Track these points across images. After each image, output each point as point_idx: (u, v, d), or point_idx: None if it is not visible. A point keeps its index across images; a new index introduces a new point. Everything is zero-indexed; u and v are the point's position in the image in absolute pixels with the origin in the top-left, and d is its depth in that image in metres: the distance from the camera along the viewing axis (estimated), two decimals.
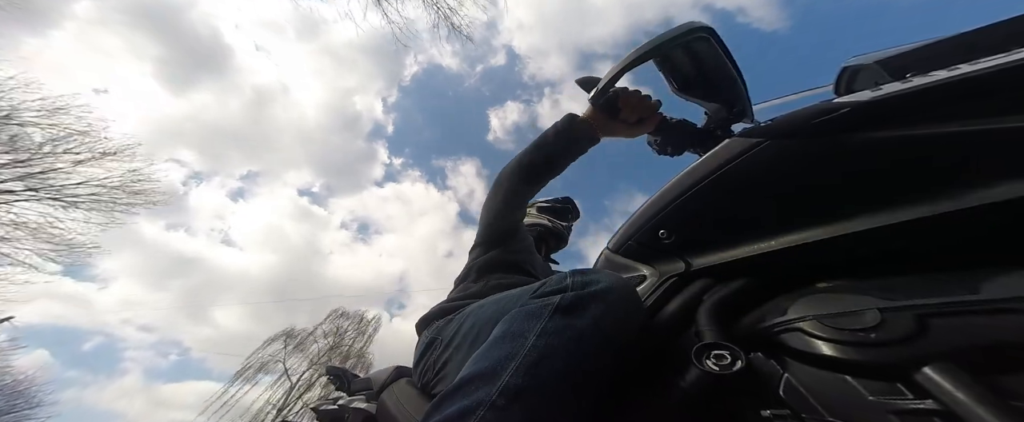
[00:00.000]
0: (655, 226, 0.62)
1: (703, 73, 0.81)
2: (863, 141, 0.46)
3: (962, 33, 0.60)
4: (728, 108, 0.84)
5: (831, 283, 0.47)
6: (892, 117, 0.46)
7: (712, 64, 0.78)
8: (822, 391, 0.37)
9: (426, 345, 0.88)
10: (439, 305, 0.98)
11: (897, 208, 0.43)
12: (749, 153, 0.54)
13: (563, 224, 1.54)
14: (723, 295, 0.52)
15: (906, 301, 0.37)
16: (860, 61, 0.71)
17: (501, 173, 1.05)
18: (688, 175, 0.60)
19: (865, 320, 0.37)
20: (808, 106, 0.54)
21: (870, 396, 0.33)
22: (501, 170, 1.06)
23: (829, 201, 0.49)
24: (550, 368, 0.47)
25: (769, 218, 0.53)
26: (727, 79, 0.79)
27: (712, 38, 0.73)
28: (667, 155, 0.95)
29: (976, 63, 0.43)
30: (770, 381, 0.40)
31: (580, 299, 0.53)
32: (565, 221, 1.56)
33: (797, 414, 0.37)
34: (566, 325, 0.50)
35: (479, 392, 0.46)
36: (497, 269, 1.08)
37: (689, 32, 0.72)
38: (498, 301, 0.74)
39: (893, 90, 0.46)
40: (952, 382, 0.30)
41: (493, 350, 0.51)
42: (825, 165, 0.49)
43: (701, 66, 0.80)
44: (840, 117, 0.48)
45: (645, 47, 0.74)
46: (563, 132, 0.93)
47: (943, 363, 0.32)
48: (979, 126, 0.40)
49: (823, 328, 0.39)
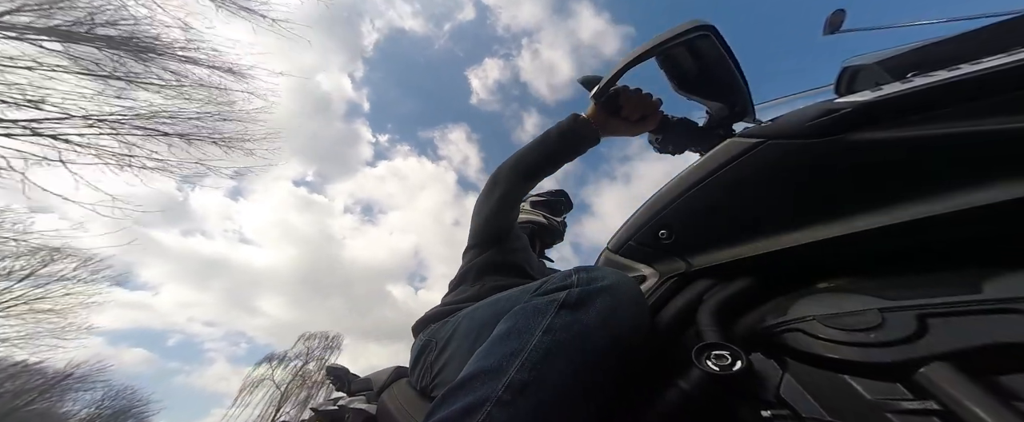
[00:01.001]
0: (655, 226, 0.62)
1: (705, 71, 0.80)
2: (863, 141, 0.46)
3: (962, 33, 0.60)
4: (730, 107, 0.84)
5: (831, 283, 0.47)
6: (893, 117, 0.46)
7: (714, 62, 0.78)
8: (822, 391, 0.36)
9: (421, 348, 0.88)
10: (435, 308, 0.98)
11: (897, 208, 0.43)
12: (749, 153, 0.54)
13: (558, 219, 1.52)
14: (723, 295, 0.52)
15: (906, 301, 0.37)
16: (860, 61, 0.71)
17: (498, 171, 1.05)
18: (688, 175, 0.60)
19: (865, 320, 0.37)
20: (808, 106, 0.54)
21: (870, 396, 0.33)
22: (497, 168, 1.05)
23: (829, 201, 0.49)
24: (556, 364, 0.46)
25: (769, 218, 0.53)
26: (729, 78, 0.79)
27: (714, 36, 0.73)
28: (668, 154, 0.95)
29: (976, 63, 0.43)
30: (770, 381, 0.40)
31: (586, 295, 0.52)
32: (559, 215, 1.54)
33: (797, 414, 0.37)
34: (573, 321, 0.50)
35: (484, 388, 0.45)
36: (493, 271, 1.07)
37: (691, 30, 0.71)
38: (494, 303, 0.73)
39: (893, 90, 0.46)
40: (952, 382, 0.30)
41: (497, 347, 0.51)
42: (825, 165, 0.49)
43: (703, 64, 0.80)
44: (840, 117, 0.48)
45: (647, 45, 0.74)
46: (565, 131, 0.93)
47: (943, 363, 0.32)
48: (979, 126, 0.40)
49: (823, 328, 0.39)
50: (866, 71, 0.70)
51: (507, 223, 1.12)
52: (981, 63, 0.42)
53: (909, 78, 0.49)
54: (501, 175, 1.04)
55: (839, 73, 0.75)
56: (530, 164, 0.99)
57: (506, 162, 1.04)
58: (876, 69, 0.68)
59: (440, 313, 0.93)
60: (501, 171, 1.04)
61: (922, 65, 0.55)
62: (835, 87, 0.77)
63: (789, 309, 0.44)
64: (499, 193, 1.04)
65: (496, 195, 1.05)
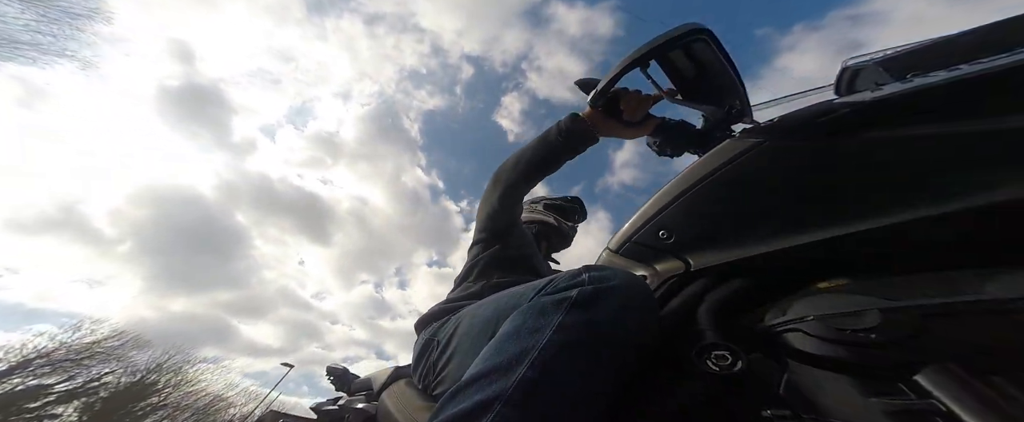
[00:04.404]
0: (655, 226, 0.62)
1: (702, 74, 0.81)
2: (863, 141, 0.46)
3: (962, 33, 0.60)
4: (727, 109, 0.84)
5: (831, 283, 0.47)
6: (892, 117, 0.45)
7: (710, 65, 0.78)
8: (822, 391, 0.36)
9: (423, 346, 0.88)
10: (438, 305, 0.98)
11: (897, 208, 0.43)
12: (749, 153, 0.54)
13: (569, 224, 1.53)
14: (723, 295, 0.52)
15: (906, 301, 0.37)
16: (860, 61, 0.71)
17: (500, 169, 1.06)
18: (688, 175, 0.60)
19: (865, 320, 0.37)
20: (808, 106, 0.54)
21: (871, 396, 0.33)
22: (499, 167, 1.06)
23: (829, 201, 0.49)
24: (567, 363, 0.46)
25: (769, 218, 0.53)
26: (726, 80, 0.79)
27: (710, 39, 0.73)
28: (667, 156, 0.95)
29: (976, 63, 0.43)
30: (771, 381, 0.40)
31: (598, 293, 0.52)
32: (571, 221, 1.55)
33: (798, 414, 0.37)
34: (584, 320, 0.50)
35: (495, 386, 0.45)
36: (498, 268, 1.08)
37: (687, 34, 0.72)
38: (496, 301, 0.73)
39: (893, 90, 0.46)
40: (952, 382, 0.30)
41: (506, 345, 0.50)
42: (825, 165, 0.49)
43: (700, 67, 0.80)
44: (840, 117, 0.48)
45: (644, 48, 0.74)
46: (565, 130, 0.94)
47: (943, 363, 0.32)
48: (979, 126, 0.40)
49: (823, 328, 0.39)
50: (866, 71, 0.70)
51: (509, 219, 1.13)
52: (981, 63, 0.42)
53: (909, 78, 0.49)
54: (502, 173, 1.04)
55: (839, 73, 0.75)
56: (530, 162, 0.99)
57: (507, 161, 1.04)
58: (876, 69, 0.68)
59: (443, 311, 0.93)
60: (502, 169, 1.05)
61: (922, 65, 0.55)
62: (835, 87, 0.76)
63: (789, 309, 0.44)
64: (499, 191, 1.05)
65: (497, 193, 1.06)
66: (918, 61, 0.59)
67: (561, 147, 0.95)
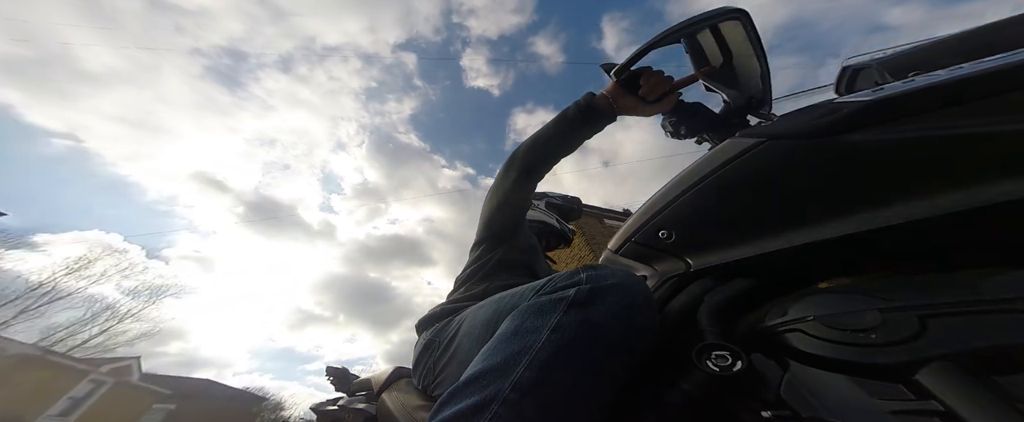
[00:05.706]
0: (655, 226, 0.62)
1: (728, 59, 0.79)
2: (863, 141, 0.46)
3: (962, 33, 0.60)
4: (748, 98, 0.83)
5: (831, 283, 0.47)
6: (893, 117, 0.45)
7: (740, 50, 0.77)
8: (823, 392, 0.36)
9: (425, 346, 0.88)
10: (439, 306, 0.98)
11: (897, 208, 0.43)
12: (749, 153, 0.54)
13: (569, 227, 1.54)
14: (723, 295, 0.52)
15: (906, 301, 0.37)
16: (860, 61, 0.71)
17: (514, 154, 1.03)
18: (688, 175, 0.60)
19: (865, 320, 0.37)
20: (808, 106, 0.54)
21: (871, 397, 0.33)
22: (513, 151, 1.03)
23: (829, 201, 0.49)
24: (565, 362, 0.46)
25: (769, 218, 0.53)
26: (752, 68, 0.78)
27: (744, 22, 0.72)
28: (679, 137, 0.93)
29: (977, 63, 0.43)
30: (771, 381, 0.40)
31: (595, 293, 0.52)
32: (570, 222, 1.57)
33: (798, 414, 0.37)
34: (582, 319, 0.49)
35: (492, 386, 0.45)
36: (503, 270, 1.05)
37: (723, 13, 0.71)
38: (496, 302, 0.73)
39: (894, 90, 0.46)
40: (953, 383, 0.30)
41: (504, 345, 0.50)
42: (825, 165, 0.49)
43: (728, 52, 0.79)
44: (840, 117, 0.48)
45: (676, 27, 0.73)
46: (584, 107, 0.93)
47: (944, 363, 0.32)
48: (980, 127, 0.40)
49: (824, 328, 0.39)
50: (866, 71, 0.70)
51: (519, 212, 1.10)
52: (982, 63, 0.42)
53: (910, 78, 0.49)
54: (517, 157, 1.01)
55: (839, 73, 0.75)
56: (549, 142, 0.97)
57: (521, 145, 1.01)
58: (876, 69, 0.68)
59: (444, 312, 0.93)
60: (517, 153, 1.01)
61: (923, 65, 0.55)
62: (835, 87, 0.77)
63: (789, 309, 0.44)
64: (515, 175, 1.01)
65: (511, 177, 1.02)
66: (918, 61, 0.59)
67: (581, 123, 0.94)
